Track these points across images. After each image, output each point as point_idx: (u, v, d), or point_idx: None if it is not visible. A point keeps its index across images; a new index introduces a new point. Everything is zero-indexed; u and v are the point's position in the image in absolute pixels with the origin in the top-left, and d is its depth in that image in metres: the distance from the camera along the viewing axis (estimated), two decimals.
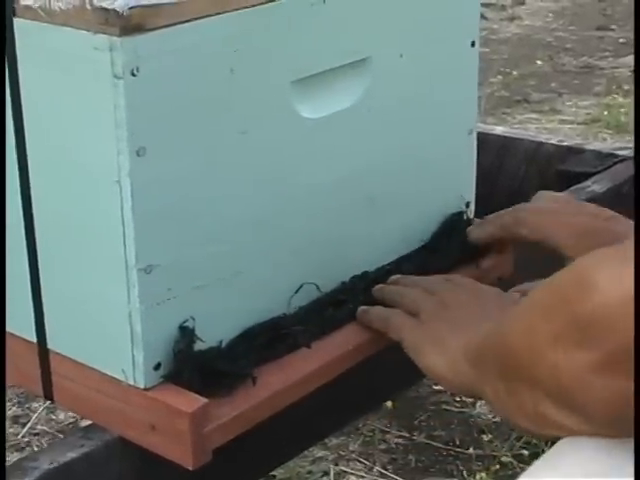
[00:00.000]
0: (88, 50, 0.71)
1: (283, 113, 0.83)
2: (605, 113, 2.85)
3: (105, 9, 0.69)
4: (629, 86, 3.13)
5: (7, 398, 1.60)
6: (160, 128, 0.74)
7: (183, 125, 0.75)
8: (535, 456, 1.25)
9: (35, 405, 1.58)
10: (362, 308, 0.88)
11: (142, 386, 0.77)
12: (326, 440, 1.49)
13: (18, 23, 0.74)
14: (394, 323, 0.84)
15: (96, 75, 0.71)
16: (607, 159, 1.30)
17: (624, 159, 1.30)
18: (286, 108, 0.83)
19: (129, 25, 0.70)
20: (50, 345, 0.82)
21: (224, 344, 0.82)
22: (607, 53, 3.51)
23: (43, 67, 0.74)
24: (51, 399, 0.84)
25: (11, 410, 1.58)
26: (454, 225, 1.01)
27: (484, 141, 1.27)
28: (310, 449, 1.48)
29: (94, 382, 0.80)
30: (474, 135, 1.02)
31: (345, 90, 0.88)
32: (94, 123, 0.73)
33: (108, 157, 0.73)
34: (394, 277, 0.92)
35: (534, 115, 2.96)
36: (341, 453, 1.49)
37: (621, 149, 1.34)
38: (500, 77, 3.13)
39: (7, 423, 1.55)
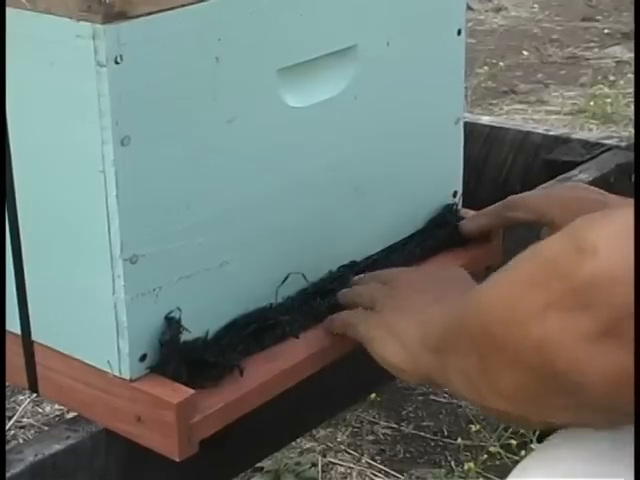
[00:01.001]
0: (71, 38, 0.70)
1: (269, 102, 0.82)
2: (591, 103, 2.86)
3: None
4: (614, 77, 3.14)
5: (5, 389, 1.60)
6: (145, 117, 0.73)
7: (168, 114, 0.75)
8: (523, 446, 1.25)
9: (21, 398, 1.58)
10: (329, 317, 0.85)
11: (128, 377, 0.77)
12: (314, 431, 1.49)
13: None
14: (351, 321, 0.82)
15: (79, 63, 0.70)
16: (594, 148, 1.30)
17: (610, 148, 1.30)
18: (272, 97, 0.82)
19: (112, 12, 0.69)
20: (34, 337, 0.82)
21: (210, 335, 0.81)
22: (592, 44, 3.52)
23: (25, 55, 0.73)
24: (36, 391, 0.83)
25: None
26: (442, 214, 1.01)
27: (471, 131, 1.26)
28: (298, 440, 1.47)
29: (79, 373, 0.79)
30: (461, 124, 1.02)
31: (332, 78, 0.88)
32: (78, 112, 0.72)
33: (92, 146, 0.72)
34: (355, 278, 0.89)
35: (521, 106, 2.96)
36: (329, 444, 1.49)
37: (607, 138, 1.34)
38: (486, 68, 3.13)
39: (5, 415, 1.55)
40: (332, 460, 1.46)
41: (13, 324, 0.82)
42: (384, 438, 1.50)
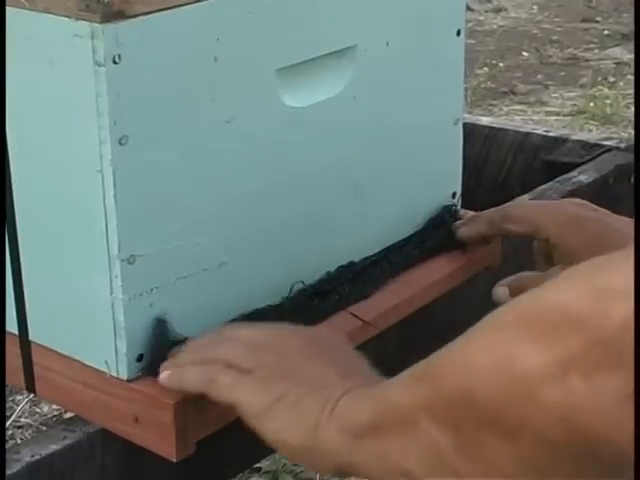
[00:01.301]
0: (69, 37, 0.70)
1: (268, 102, 0.82)
2: (591, 104, 2.86)
3: None
4: (614, 78, 3.14)
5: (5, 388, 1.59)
6: (143, 116, 0.73)
7: (166, 114, 0.74)
8: None
9: (19, 398, 1.58)
10: (170, 372, 0.73)
11: (125, 377, 0.77)
12: None
13: None
14: (222, 382, 0.68)
15: (77, 62, 0.70)
16: (593, 149, 1.30)
17: (610, 149, 1.30)
18: (271, 97, 0.82)
19: (111, 12, 0.69)
20: (32, 337, 0.81)
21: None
22: (592, 45, 3.52)
23: (24, 54, 0.73)
24: (33, 391, 0.83)
25: None
26: (441, 215, 1.01)
27: (470, 132, 1.26)
28: None
29: (76, 374, 0.79)
30: (460, 125, 1.02)
31: (331, 79, 0.87)
32: (76, 111, 0.72)
33: (90, 146, 0.72)
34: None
35: (520, 107, 2.96)
36: None
37: (607, 139, 1.34)
38: (486, 69, 3.13)
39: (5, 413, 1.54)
40: None
41: (11, 324, 0.82)
42: None
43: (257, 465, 1.39)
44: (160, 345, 0.77)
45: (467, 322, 1.15)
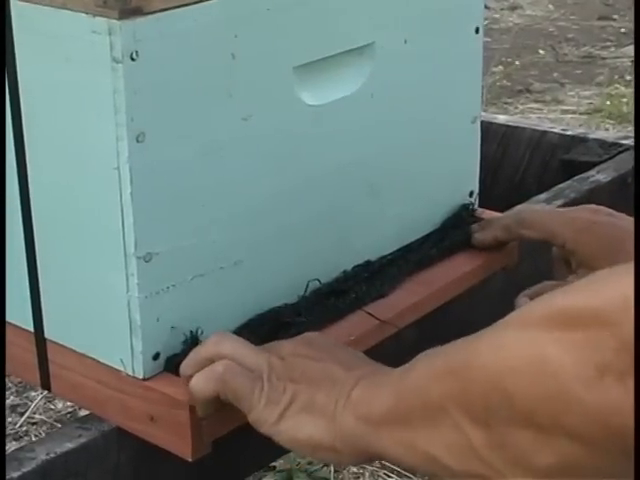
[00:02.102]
0: (87, 33, 0.70)
1: (285, 99, 0.82)
2: (607, 103, 2.84)
3: None
4: (631, 76, 3.12)
5: (5, 387, 1.59)
6: (160, 113, 0.72)
7: (183, 111, 0.74)
8: None
9: (33, 394, 1.58)
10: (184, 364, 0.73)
11: (141, 376, 0.76)
12: None
13: (16, 5, 0.73)
14: (235, 382, 0.69)
15: (95, 59, 0.70)
16: (611, 148, 1.29)
17: (628, 148, 1.29)
18: (289, 94, 0.82)
19: (128, 8, 0.69)
20: (47, 334, 0.81)
21: None
22: (609, 43, 3.50)
23: (41, 50, 0.73)
24: (48, 389, 0.83)
25: (9, 399, 1.57)
26: (458, 214, 1.00)
27: (487, 130, 1.25)
28: None
29: (92, 372, 0.79)
30: (478, 123, 1.01)
31: (348, 76, 0.87)
32: (93, 108, 0.72)
33: (107, 143, 0.72)
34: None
35: (536, 105, 2.95)
36: None
37: (625, 138, 1.33)
38: (502, 67, 3.12)
39: (5, 412, 1.54)
40: None
41: (26, 321, 0.82)
42: None
43: (272, 464, 1.39)
44: (180, 342, 0.77)
45: (483, 320, 1.14)
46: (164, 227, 0.75)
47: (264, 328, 0.83)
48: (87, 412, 0.81)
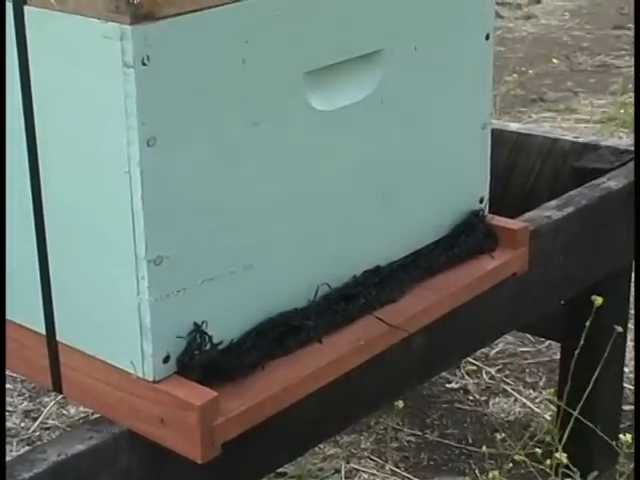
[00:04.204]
0: (99, 38, 0.70)
1: (296, 105, 0.82)
2: (621, 112, 2.83)
3: None
4: None
5: (18, 392, 1.60)
6: (171, 118, 0.73)
7: (194, 115, 0.75)
8: (549, 455, 1.24)
9: (46, 400, 1.58)
10: None
11: (151, 379, 0.77)
12: (338, 437, 1.48)
13: (29, 11, 0.74)
14: None
15: (106, 64, 0.71)
16: (623, 156, 1.29)
17: None
18: (299, 100, 0.82)
19: (140, 13, 0.69)
20: (59, 337, 0.82)
21: (235, 338, 0.81)
22: (623, 52, 3.49)
23: (53, 55, 0.74)
24: (60, 391, 0.83)
25: (22, 404, 1.58)
26: (468, 220, 1.00)
27: (499, 138, 1.26)
28: (322, 446, 1.47)
29: (103, 374, 0.79)
30: (488, 130, 1.01)
31: (359, 82, 0.87)
32: (104, 112, 0.72)
33: (118, 147, 0.72)
34: None
35: (550, 114, 2.94)
36: (353, 451, 1.48)
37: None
38: (515, 76, 3.12)
39: (18, 417, 1.55)
40: (355, 467, 1.45)
41: (38, 324, 0.82)
42: (408, 445, 1.49)
43: (282, 470, 1.39)
44: (190, 346, 0.77)
45: (492, 325, 1.14)
46: (174, 231, 0.75)
47: (273, 332, 0.83)
48: (98, 415, 0.81)
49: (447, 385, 1.60)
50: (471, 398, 1.58)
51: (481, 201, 1.02)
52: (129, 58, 0.70)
